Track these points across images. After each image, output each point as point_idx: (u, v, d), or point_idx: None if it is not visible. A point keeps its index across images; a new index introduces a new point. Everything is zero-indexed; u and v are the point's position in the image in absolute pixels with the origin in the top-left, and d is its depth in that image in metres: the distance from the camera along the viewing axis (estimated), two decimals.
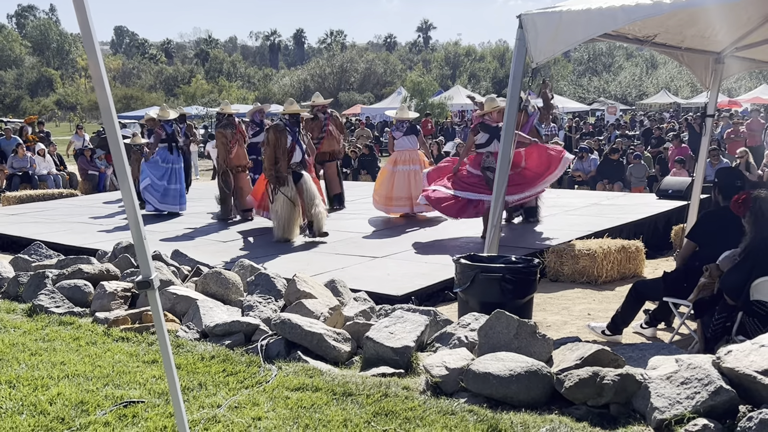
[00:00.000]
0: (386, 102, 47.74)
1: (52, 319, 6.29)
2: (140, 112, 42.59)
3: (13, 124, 27.34)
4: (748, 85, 50.37)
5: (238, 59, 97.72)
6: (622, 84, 66.08)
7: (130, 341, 5.66)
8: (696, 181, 8.99)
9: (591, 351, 4.34)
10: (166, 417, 4.16)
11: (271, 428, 3.98)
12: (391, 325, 5.19)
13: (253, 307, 6.15)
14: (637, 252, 8.61)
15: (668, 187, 12.66)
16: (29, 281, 7.16)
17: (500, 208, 6.49)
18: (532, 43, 5.97)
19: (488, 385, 4.24)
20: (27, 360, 5.19)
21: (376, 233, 10.48)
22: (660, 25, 6.64)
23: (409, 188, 11.41)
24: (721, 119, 23.44)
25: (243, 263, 7.37)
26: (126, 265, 7.62)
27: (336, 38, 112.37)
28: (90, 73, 2.82)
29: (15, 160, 18.27)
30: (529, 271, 5.96)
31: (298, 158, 9.94)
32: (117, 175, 2.96)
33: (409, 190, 11.41)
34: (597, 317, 6.71)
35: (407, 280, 7.57)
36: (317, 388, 4.53)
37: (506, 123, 6.46)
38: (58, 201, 15.82)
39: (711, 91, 8.30)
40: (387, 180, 11.60)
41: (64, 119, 66.23)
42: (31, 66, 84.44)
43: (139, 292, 6.62)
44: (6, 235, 11.30)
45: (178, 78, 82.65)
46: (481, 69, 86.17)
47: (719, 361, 3.93)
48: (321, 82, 76.43)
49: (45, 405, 4.35)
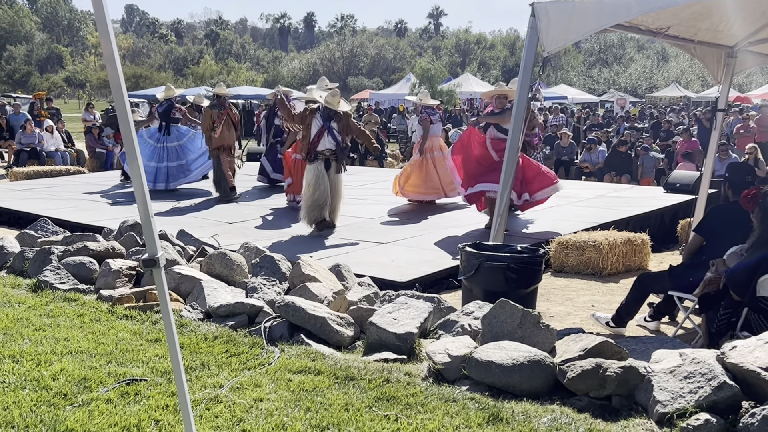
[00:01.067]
0: (395, 88, 47.58)
1: (57, 295, 6.31)
2: (149, 92, 42.61)
3: (22, 100, 27.37)
4: (759, 80, 50.06)
5: (248, 41, 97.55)
6: (633, 76, 65.77)
7: (134, 319, 5.67)
8: (704, 175, 8.95)
9: (594, 342, 4.33)
10: (168, 396, 4.17)
11: (272, 410, 3.99)
12: (395, 311, 5.19)
13: (257, 289, 6.15)
14: (643, 245, 8.59)
15: (676, 181, 12.62)
16: (35, 257, 7.18)
17: (507, 197, 6.47)
18: (544, 32, 5.92)
19: (490, 374, 4.24)
20: (31, 335, 5.21)
21: (381, 219, 10.47)
22: (673, 17, 6.59)
23: (438, 175, 11.54)
24: (731, 114, 23.31)
25: (248, 245, 7.38)
26: (131, 243, 7.63)
27: (346, 22, 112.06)
28: (101, 51, 2.80)
29: (23, 136, 18.29)
30: (534, 261, 5.96)
31: (327, 146, 9.48)
32: (126, 153, 2.95)
33: (439, 177, 11.55)
34: (601, 309, 6.71)
35: (412, 266, 7.57)
36: (319, 372, 4.53)
37: (516, 111, 6.43)
38: (65, 178, 15.86)
39: (722, 86, 8.25)
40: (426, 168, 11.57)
41: (73, 96, 66.27)
42: (41, 42, 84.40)
43: (145, 270, 6.63)
44: (12, 211, 11.33)
45: (188, 58, 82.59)
46: (492, 57, 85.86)
47: (723, 357, 3.92)
48: (330, 66, 76.28)
49: (48, 380, 4.37)
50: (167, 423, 3.84)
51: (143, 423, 3.83)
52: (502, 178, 6.49)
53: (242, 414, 3.95)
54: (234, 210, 11.31)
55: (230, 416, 3.92)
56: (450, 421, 3.85)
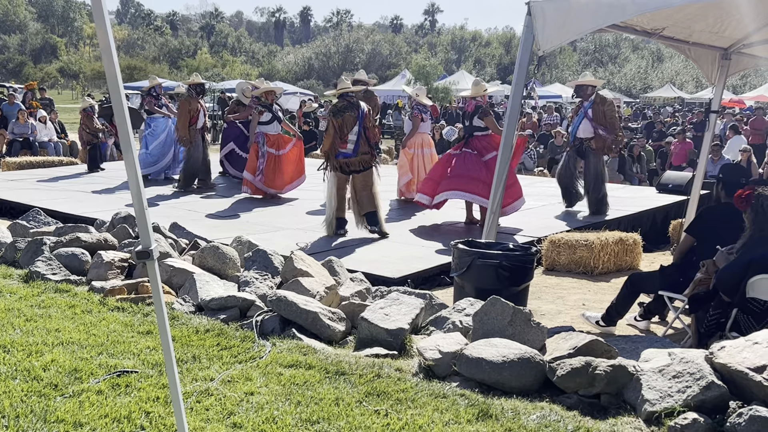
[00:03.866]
0: (390, 84, 47.46)
1: (49, 286, 6.30)
2: (143, 83, 42.41)
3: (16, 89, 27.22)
4: (753, 82, 50.23)
5: (244, 34, 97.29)
6: (628, 76, 65.87)
7: (126, 311, 5.67)
8: (697, 176, 8.99)
9: (584, 341, 4.35)
10: (159, 388, 4.18)
11: (263, 403, 4.00)
12: (387, 306, 5.20)
13: (249, 282, 6.16)
14: (635, 245, 8.62)
15: (668, 182, 12.66)
16: (27, 247, 7.17)
17: (500, 194, 6.49)
18: (539, 31, 5.94)
19: (481, 371, 4.26)
20: (22, 326, 5.20)
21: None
22: (669, 18, 6.61)
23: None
24: (724, 115, 23.40)
25: (241, 239, 7.38)
26: (124, 235, 7.62)
27: (342, 17, 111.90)
28: (97, 41, 2.80)
29: (16, 126, 18.20)
30: (525, 259, 5.98)
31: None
32: (121, 144, 2.95)
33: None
34: (592, 308, 6.74)
35: (404, 262, 7.58)
36: (310, 366, 4.54)
37: (510, 109, 6.44)
38: (58, 168, 15.81)
39: (716, 87, 8.29)
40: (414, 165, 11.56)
41: (67, 87, 65.99)
42: (36, 32, 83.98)
43: (138, 262, 6.63)
44: (5, 201, 11.29)
45: (183, 51, 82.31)
46: (487, 55, 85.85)
47: (712, 357, 3.95)
48: (326, 61, 76.16)
49: (38, 371, 4.37)
50: (158, 415, 3.85)
51: (134, 414, 3.84)
52: (495, 177, 6.50)
53: (233, 407, 3.95)
54: (226, 204, 11.30)
55: (221, 409, 3.93)
56: (440, 416, 3.86)
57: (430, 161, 11.44)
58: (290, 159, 11.95)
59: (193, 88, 12.97)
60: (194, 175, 12.84)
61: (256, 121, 11.70)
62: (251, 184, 11.65)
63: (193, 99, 12.74)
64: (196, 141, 12.72)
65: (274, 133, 11.80)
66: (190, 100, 12.70)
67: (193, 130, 12.67)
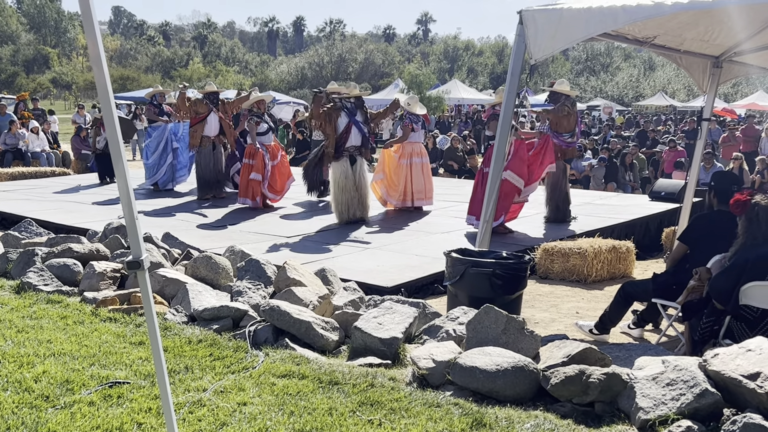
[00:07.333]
0: (383, 93, 47.52)
1: (40, 296, 6.27)
2: (136, 93, 42.36)
3: (8, 100, 27.16)
4: (744, 90, 50.43)
5: (237, 44, 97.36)
6: (620, 85, 66.05)
7: (118, 322, 5.64)
8: (689, 184, 9.01)
9: (578, 349, 4.35)
10: (152, 399, 4.16)
11: (256, 414, 3.98)
12: (380, 315, 5.19)
13: (242, 292, 6.14)
14: (628, 252, 8.63)
15: (661, 190, 12.69)
16: (18, 258, 7.14)
17: (493, 202, 6.48)
18: (531, 40, 5.95)
19: (474, 379, 4.25)
20: (13, 337, 5.18)
21: (367, 224, 10.47)
22: (660, 27, 6.64)
23: (424, 181, 11.60)
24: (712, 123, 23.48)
25: (234, 248, 7.36)
26: (116, 245, 7.60)
27: (335, 27, 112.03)
28: (88, 52, 2.80)
29: (8, 137, 18.16)
30: (519, 268, 5.97)
31: (353, 142, 10.06)
32: (111, 154, 2.94)
33: (424, 183, 11.61)
34: (585, 316, 6.73)
35: (397, 271, 7.57)
36: (304, 376, 4.53)
37: (502, 118, 6.44)
38: (50, 179, 15.77)
39: (708, 95, 8.31)
40: (402, 174, 11.55)
41: (60, 97, 65.85)
42: (28, 43, 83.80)
43: (129, 272, 6.60)
44: None
45: (176, 61, 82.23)
46: (480, 64, 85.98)
47: (705, 364, 3.94)
48: (319, 70, 76.13)
49: (30, 382, 4.34)
50: (150, 426, 3.83)
51: (126, 426, 3.82)
52: (489, 184, 6.51)
53: (225, 418, 3.93)
54: (219, 213, 11.28)
55: (213, 420, 3.91)
56: (434, 426, 3.85)
57: (421, 171, 11.47)
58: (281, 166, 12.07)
59: (206, 97, 12.78)
60: (207, 183, 12.74)
61: (254, 131, 11.73)
62: (253, 189, 11.67)
63: (202, 103, 12.64)
64: (205, 149, 12.67)
65: (270, 143, 11.86)
66: (199, 103, 12.65)
67: (206, 138, 12.62)
